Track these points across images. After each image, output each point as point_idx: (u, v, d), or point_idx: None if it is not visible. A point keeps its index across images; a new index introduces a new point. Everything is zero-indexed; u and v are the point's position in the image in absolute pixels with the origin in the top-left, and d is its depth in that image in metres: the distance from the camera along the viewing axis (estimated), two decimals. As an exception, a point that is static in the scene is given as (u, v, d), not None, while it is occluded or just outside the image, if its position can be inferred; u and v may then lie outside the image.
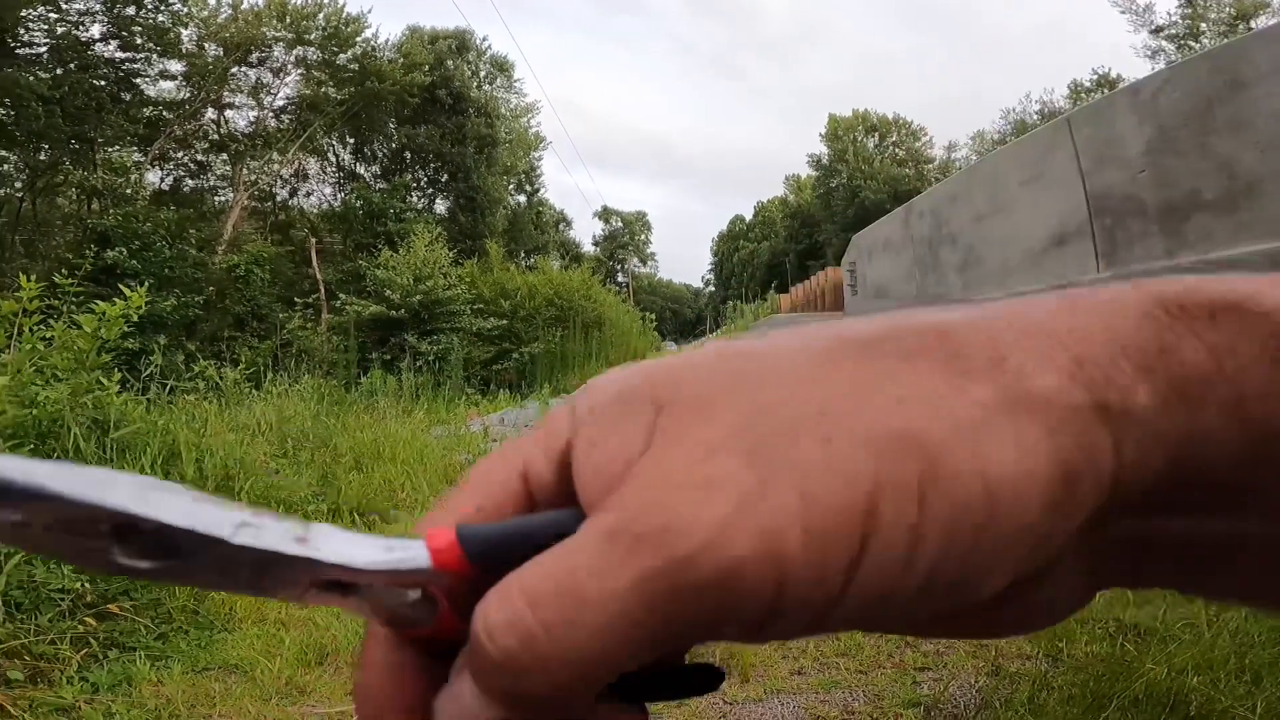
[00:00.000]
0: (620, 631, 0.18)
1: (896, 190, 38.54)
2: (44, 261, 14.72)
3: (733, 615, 0.18)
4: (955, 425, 0.18)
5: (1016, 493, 0.18)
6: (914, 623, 0.22)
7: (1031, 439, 0.18)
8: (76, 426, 3.44)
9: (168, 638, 2.69)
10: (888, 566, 0.18)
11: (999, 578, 0.19)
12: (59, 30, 15.76)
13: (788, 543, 0.17)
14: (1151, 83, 3.75)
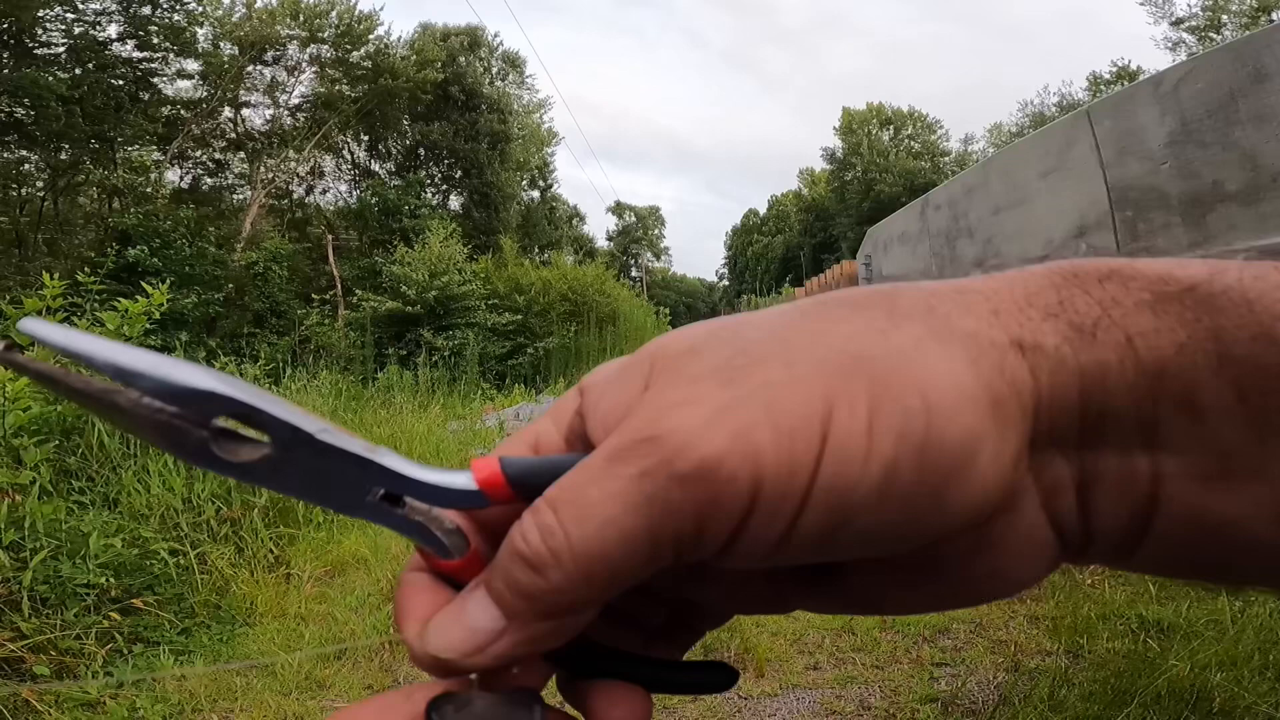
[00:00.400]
0: (620, 525, 0.21)
1: (912, 183, 38.17)
2: (67, 260, 14.93)
3: (716, 509, 0.21)
4: (895, 349, 0.22)
5: (950, 402, 0.21)
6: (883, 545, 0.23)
7: (958, 361, 0.22)
8: (100, 423, 3.49)
9: (190, 632, 2.73)
10: (847, 461, 0.21)
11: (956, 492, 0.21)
12: (76, 30, 15.91)
13: (759, 438, 0.21)
14: (1173, 74, 3.68)
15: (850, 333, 0.23)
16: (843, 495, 0.21)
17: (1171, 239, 3.70)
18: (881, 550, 0.23)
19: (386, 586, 3.02)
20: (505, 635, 0.23)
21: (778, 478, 0.21)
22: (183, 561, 3.01)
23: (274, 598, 3.02)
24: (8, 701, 1.96)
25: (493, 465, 0.23)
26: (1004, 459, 0.22)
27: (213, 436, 0.19)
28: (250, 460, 0.20)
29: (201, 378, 0.19)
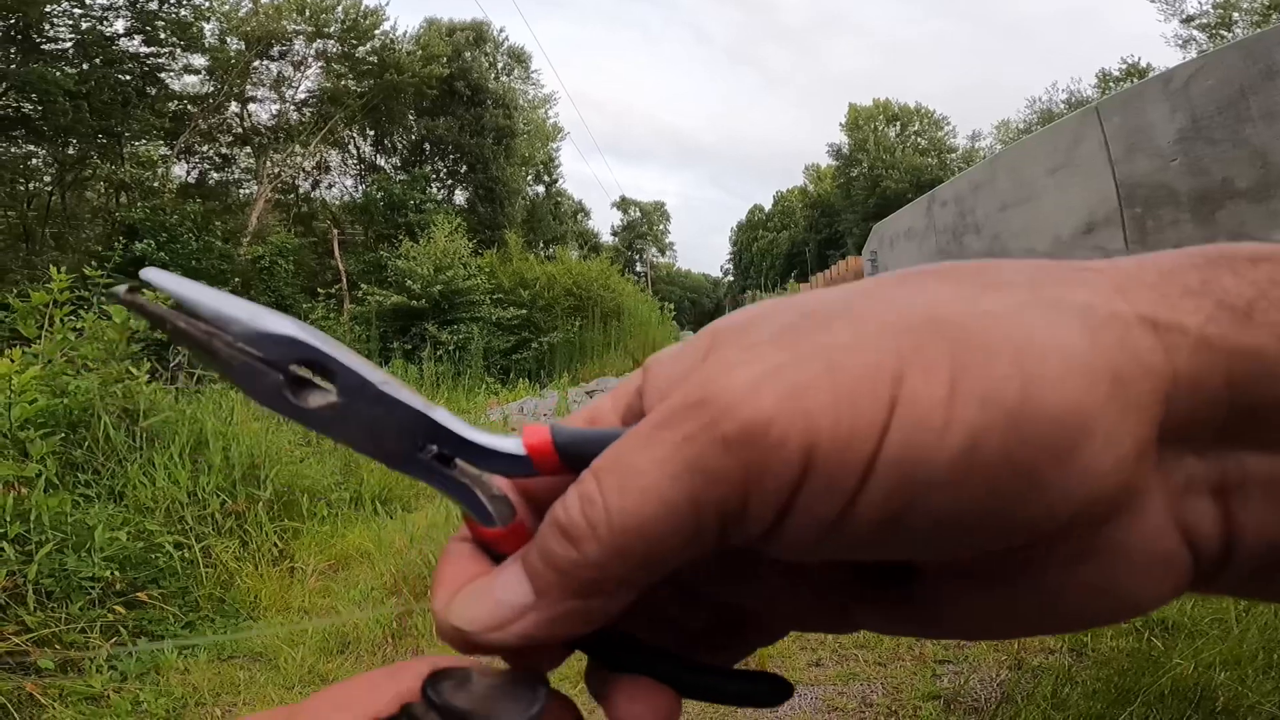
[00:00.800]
0: (661, 494, 0.19)
1: (919, 179, 38.03)
2: (74, 254, 15.00)
3: (763, 477, 0.18)
4: (986, 313, 0.19)
5: (1054, 369, 0.18)
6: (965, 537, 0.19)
7: (1069, 328, 0.18)
8: (107, 415, 3.51)
9: (194, 626, 2.74)
10: (921, 428, 0.18)
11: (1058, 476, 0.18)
12: (84, 25, 15.95)
13: (815, 399, 0.18)
14: (1184, 71, 3.66)
15: (932, 298, 0.20)
16: (914, 468, 0.18)
17: (1180, 235, 3.68)
18: (963, 545, 0.20)
19: (390, 580, 3.03)
20: (531, 612, 0.21)
21: (835, 444, 0.18)
22: (187, 555, 3.02)
23: (278, 591, 3.03)
24: (11, 695, 1.97)
25: (543, 433, 0.22)
26: (1124, 446, 0.18)
27: (287, 382, 0.21)
28: (318, 407, 0.21)
29: (283, 323, 0.21)
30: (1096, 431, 0.18)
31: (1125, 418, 0.18)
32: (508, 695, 0.21)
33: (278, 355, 0.21)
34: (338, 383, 0.21)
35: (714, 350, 0.21)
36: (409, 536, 3.30)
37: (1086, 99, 33.56)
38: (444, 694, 0.21)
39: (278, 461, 3.96)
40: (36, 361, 3.37)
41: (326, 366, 0.21)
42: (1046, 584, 0.20)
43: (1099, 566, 0.20)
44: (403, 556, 3.17)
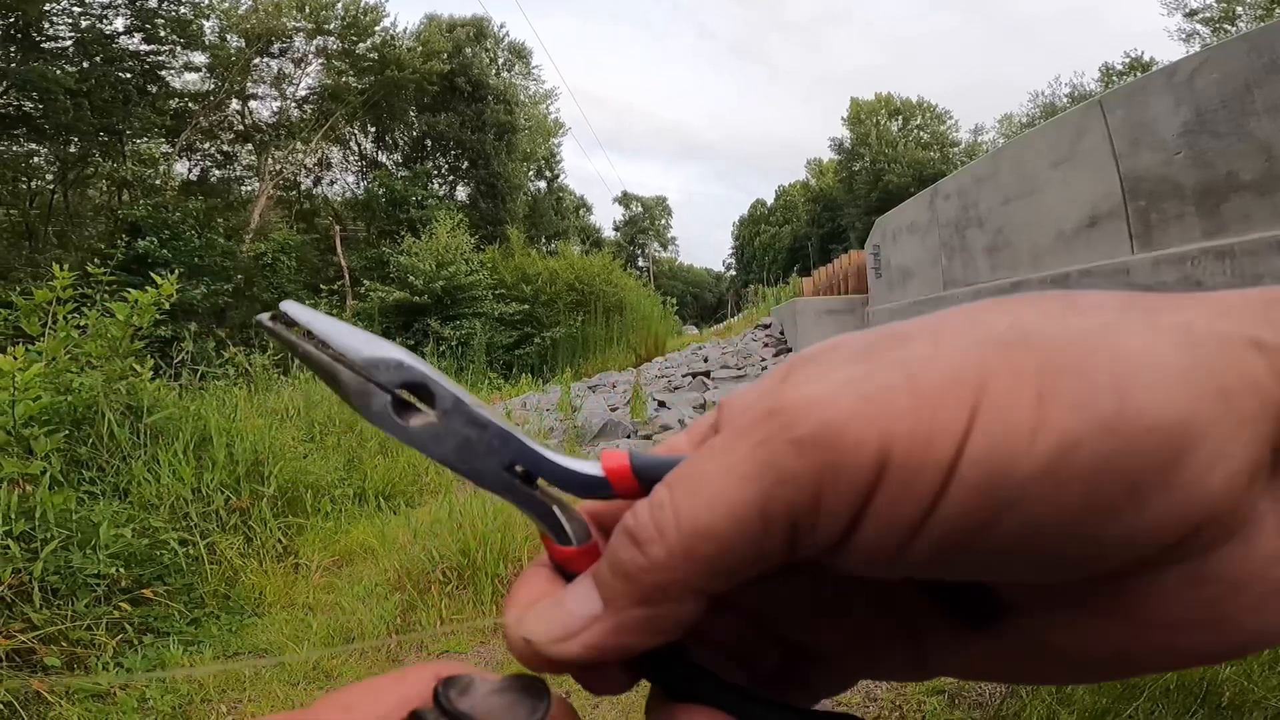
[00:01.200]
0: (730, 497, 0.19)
1: (921, 173, 37.94)
2: (77, 252, 15.03)
3: (836, 477, 0.18)
4: (1074, 328, 0.18)
5: (1152, 378, 0.17)
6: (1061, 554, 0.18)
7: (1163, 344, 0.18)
8: (111, 412, 3.51)
9: (200, 622, 2.74)
10: (1008, 431, 0.17)
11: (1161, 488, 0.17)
12: (83, 23, 15.94)
13: (892, 402, 0.18)
14: (1188, 64, 3.65)
15: (1016, 317, 0.19)
16: (1001, 474, 0.17)
17: (1185, 229, 3.66)
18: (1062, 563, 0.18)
19: (394, 576, 3.03)
20: (598, 623, 0.21)
21: (913, 445, 0.17)
22: (192, 551, 3.02)
23: (282, 587, 3.03)
24: (18, 694, 1.98)
25: (621, 457, 0.23)
26: (1234, 461, 0.17)
27: (393, 404, 0.23)
28: (418, 426, 0.23)
29: (392, 350, 0.23)
30: (1203, 444, 0.17)
31: (1236, 433, 0.17)
32: (514, 701, 0.22)
33: (386, 379, 0.23)
34: (436, 405, 0.23)
35: (790, 373, 0.21)
36: (412, 532, 3.30)
37: (1089, 93, 33.51)
38: (453, 699, 0.21)
39: (281, 457, 3.96)
40: (40, 359, 3.37)
41: (428, 389, 0.23)
42: (1152, 616, 0.19)
43: (1210, 596, 0.18)
44: (406, 552, 3.17)
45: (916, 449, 0.17)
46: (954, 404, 0.17)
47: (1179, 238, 3.70)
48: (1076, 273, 4.28)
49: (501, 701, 0.22)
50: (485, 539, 2.97)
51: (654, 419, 6.77)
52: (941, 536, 0.18)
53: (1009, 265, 5.27)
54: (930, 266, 6.70)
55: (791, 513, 0.18)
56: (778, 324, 10.65)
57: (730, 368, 9.02)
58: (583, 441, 6.25)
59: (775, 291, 15.31)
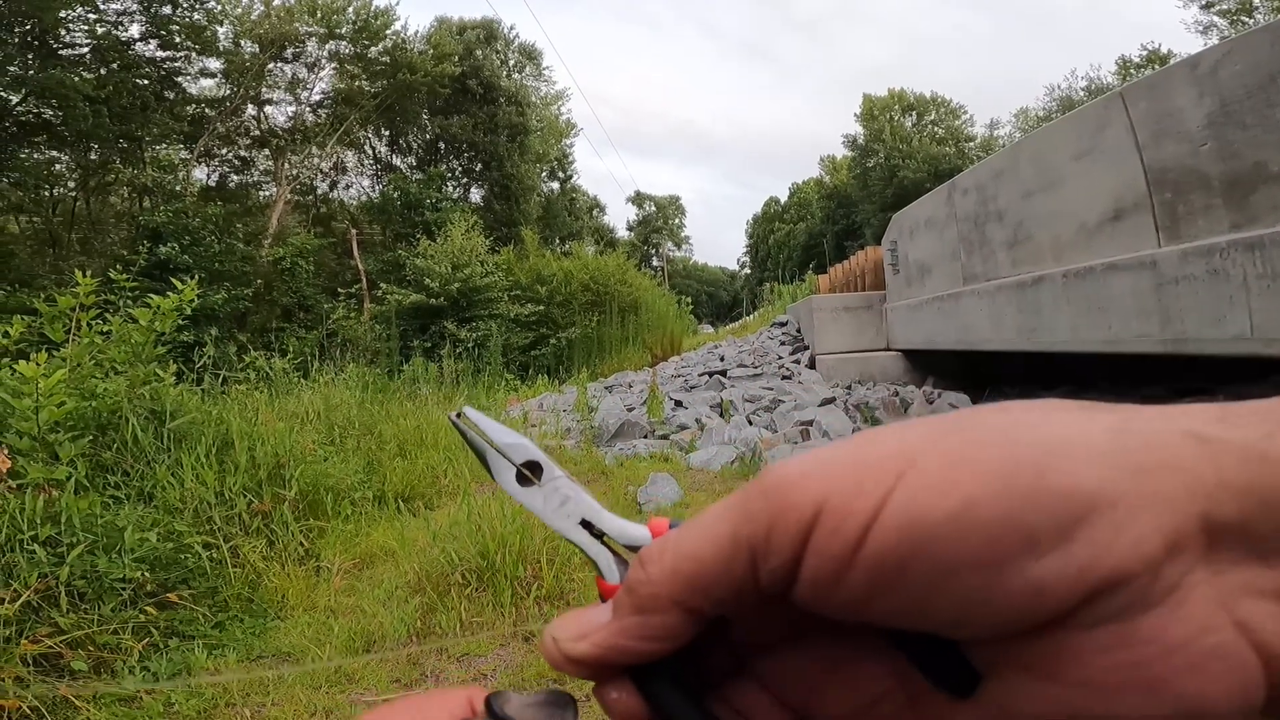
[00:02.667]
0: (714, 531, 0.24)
1: (937, 169, 37.62)
2: (100, 258, 15.25)
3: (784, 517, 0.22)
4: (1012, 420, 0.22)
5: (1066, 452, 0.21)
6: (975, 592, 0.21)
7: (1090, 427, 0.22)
8: (135, 417, 3.54)
9: (224, 626, 2.76)
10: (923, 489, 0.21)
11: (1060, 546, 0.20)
12: (99, 30, 16.15)
13: (837, 468, 0.22)
14: (1211, 55, 3.58)
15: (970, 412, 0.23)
16: (914, 520, 0.20)
17: (1213, 221, 3.59)
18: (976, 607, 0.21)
19: (414, 579, 3.03)
20: (606, 626, 0.26)
21: (843, 497, 0.21)
22: (216, 555, 3.04)
23: (304, 590, 3.04)
24: (45, 698, 1.99)
25: (664, 523, 0.30)
26: (1142, 528, 0.20)
27: (517, 475, 0.33)
28: (529, 489, 0.33)
29: (520, 439, 0.33)
30: (1110, 512, 0.20)
31: (1147, 505, 0.20)
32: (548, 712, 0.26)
33: (515, 456, 0.33)
34: (543, 478, 0.33)
35: None
36: (431, 534, 3.30)
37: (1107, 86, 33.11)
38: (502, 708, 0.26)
39: (302, 460, 3.98)
40: (64, 365, 3.41)
41: (539, 465, 0.33)
42: (1088, 676, 0.21)
43: (1142, 659, 0.20)
44: (426, 555, 3.18)
45: (846, 498, 0.21)
46: (884, 470, 0.22)
47: (1207, 230, 3.62)
48: (1101, 266, 4.21)
49: (538, 713, 0.26)
50: (504, 541, 2.97)
51: (671, 418, 6.75)
52: (869, 571, 0.21)
53: (1031, 260, 5.19)
54: (949, 261, 6.63)
55: (751, 544, 0.23)
56: (794, 321, 10.59)
57: (747, 366, 8.97)
58: (600, 441, 6.24)
59: (791, 289, 15.23)
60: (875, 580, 0.21)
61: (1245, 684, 0.20)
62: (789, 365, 8.72)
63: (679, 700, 0.27)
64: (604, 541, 0.32)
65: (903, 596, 0.21)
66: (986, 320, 5.72)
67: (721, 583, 0.24)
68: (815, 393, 7.11)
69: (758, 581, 0.23)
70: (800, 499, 0.22)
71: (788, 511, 0.22)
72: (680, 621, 0.25)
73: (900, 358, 7.99)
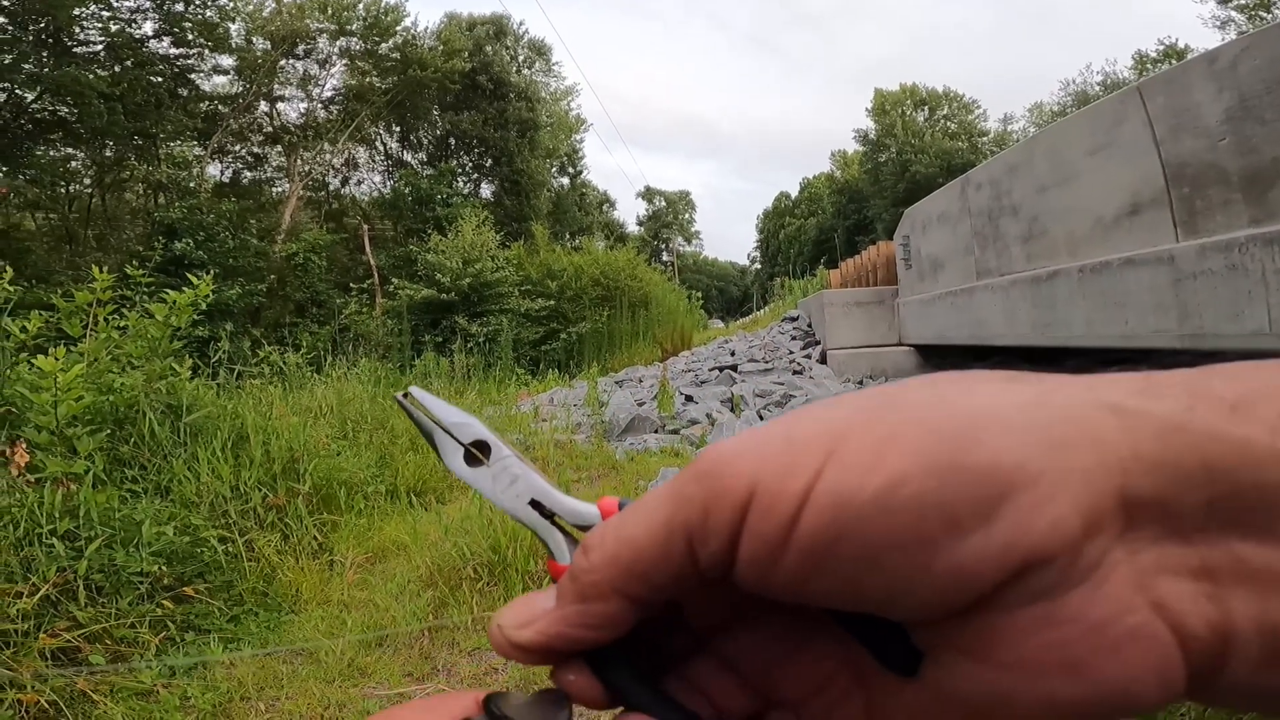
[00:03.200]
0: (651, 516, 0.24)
1: (949, 164, 37.29)
2: (115, 254, 15.38)
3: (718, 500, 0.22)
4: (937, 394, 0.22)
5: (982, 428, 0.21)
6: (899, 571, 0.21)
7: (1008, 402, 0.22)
8: (151, 411, 3.58)
9: (239, 620, 2.78)
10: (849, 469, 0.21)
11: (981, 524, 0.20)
12: (113, 28, 16.25)
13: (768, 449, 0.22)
14: (1229, 50, 3.54)
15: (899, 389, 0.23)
16: (843, 500, 0.20)
17: (1232, 216, 3.55)
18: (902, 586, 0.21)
19: (426, 573, 3.05)
20: (549, 614, 0.26)
21: (775, 478, 0.21)
22: (231, 549, 3.07)
23: (318, 584, 3.07)
24: (64, 692, 2.02)
25: (613, 502, 0.30)
26: (1060, 507, 0.20)
27: (466, 455, 0.32)
28: (477, 469, 0.32)
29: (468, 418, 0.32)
30: (1029, 490, 0.20)
31: (1064, 482, 0.20)
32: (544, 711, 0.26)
33: (463, 436, 0.32)
34: (491, 457, 0.32)
35: None
36: (443, 528, 3.32)
37: (1123, 80, 32.78)
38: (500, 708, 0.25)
39: (316, 455, 4.01)
40: (81, 360, 3.44)
41: (487, 445, 0.32)
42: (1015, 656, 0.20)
43: (1064, 639, 0.20)
44: (438, 549, 3.20)
45: (777, 480, 0.21)
46: (814, 450, 0.21)
47: (1225, 225, 3.58)
48: (1118, 261, 4.17)
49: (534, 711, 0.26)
50: (516, 535, 2.98)
51: (681, 413, 6.75)
52: (802, 552, 0.21)
53: (1045, 254, 5.15)
54: (962, 256, 6.58)
55: (687, 528, 0.23)
56: (805, 316, 10.55)
57: (758, 361, 8.95)
58: (611, 436, 6.24)
59: (802, 284, 15.18)
60: (808, 562, 0.21)
61: (1162, 666, 0.20)
62: (800, 360, 8.69)
63: (633, 681, 0.27)
64: (554, 522, 0.31)
65: (835, 578, 0.21)
66: (1000, 315, 5.67)
67: (660, 569, 0.23)
68: (826, 388, 7.09)
69: (697, 566, 0.23)
70: (733, 481, 0.22)
71: (721, 495, 0.22)
72: (622, 608, 0.25)
73: (912, 353, 7.94)
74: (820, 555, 0.21)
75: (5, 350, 3.42)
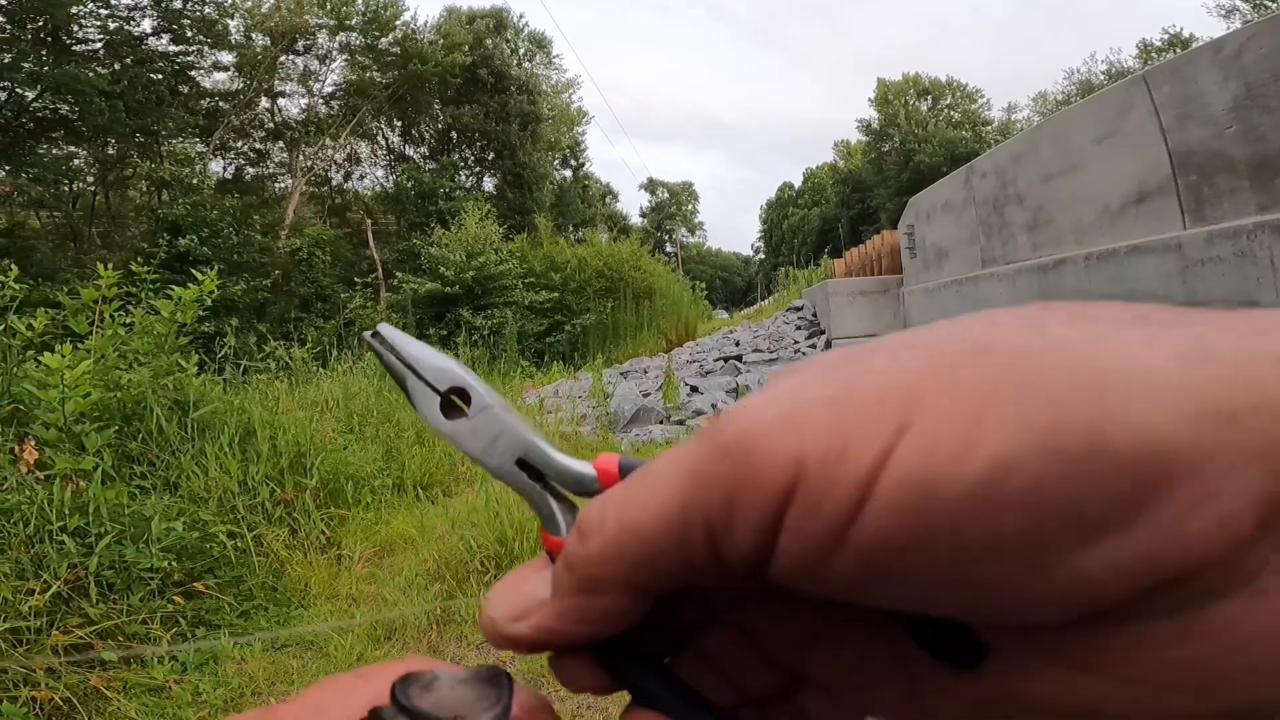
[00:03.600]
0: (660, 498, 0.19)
1: (953, 153, 37.11)
2: (120, 251, 15.42)
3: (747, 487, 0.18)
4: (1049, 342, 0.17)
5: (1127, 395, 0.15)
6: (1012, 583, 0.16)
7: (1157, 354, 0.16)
8: (159, 407, 3.59)
9: (249, 615, 2.80)
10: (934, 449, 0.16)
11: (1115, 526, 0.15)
12: (111, 25, 16.25)
13: (813, 416, 0.17)
14: (1235, 39, 3.53)
15: (986, 327, 0.17)
16: (924, 491, 0.16)
17: (1239, 203, 3.53)
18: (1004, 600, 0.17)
19: (433, 566, 3.06)
20: (545, 607, 0.22)
21: (826, 460, 0.17)
22: (240, 544, 3.09)
23: (326, 579, 3.08)
24: (77, 689, 2.04)
25: (612, 460, 0.26)
26: (1231, 502, 0.15)
27: (443, 404, 0.27)
28: (455, 420, 0.27)
29: (446, 360, 0.28)
30: (1190, 479, 0.15)
31: (1238, 467, 0.15)
32: (476, 693, 0.22)
33: (439, 382, 0.27)
34: (471, 406, 0.27)
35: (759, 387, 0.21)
36: (450, 521, 3.33)
37: (1128, 69, 32.62)
38: (412, 696, 0.21)
39: (322, 449, 4.02)
40: (88, 357, 3.45)
41: (467, 392, 0.27)
42: (1137, 673, 0.16)
43: (1204, 655, 0.16)
44: (444, 542, 3.21)
45: (829, 464, 0.17)
46: (878, 420, 0.16)
47: (1233, 212, 3.56)
48: (1125, 249, 4.15)
49: (463, 694, 0.22)
50: (522, 527, 2.99)
51: (687, 404, 6.75)
52: (862, 555, 0.17)
53: (1052, 243, 5.13)
54: (967, 245, 6.56)
55: (707, 516, 0.18)
56: (810, 306, 10.53)
57: (762, 351, 8.95)
58: (616, 427, 6.25)
59: (806, 274, 15.14)
60: (869, 567, 0.17)
61: None
62: (805, 350, 8.68)
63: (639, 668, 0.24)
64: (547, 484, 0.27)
65: (903, 584, 0.17)
66: (1006, 303, 5.55)
67: (673, 562, 0.19)
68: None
69: (719, 557, 0.19)
70: (767, 463, 0.17)
71: (751, 480, 0.17)
72: (627, 601, 0.21)
73: (917, 342, 7.93)
74: (887, 560, 0.17)
75: (12, 348, 3.44)
